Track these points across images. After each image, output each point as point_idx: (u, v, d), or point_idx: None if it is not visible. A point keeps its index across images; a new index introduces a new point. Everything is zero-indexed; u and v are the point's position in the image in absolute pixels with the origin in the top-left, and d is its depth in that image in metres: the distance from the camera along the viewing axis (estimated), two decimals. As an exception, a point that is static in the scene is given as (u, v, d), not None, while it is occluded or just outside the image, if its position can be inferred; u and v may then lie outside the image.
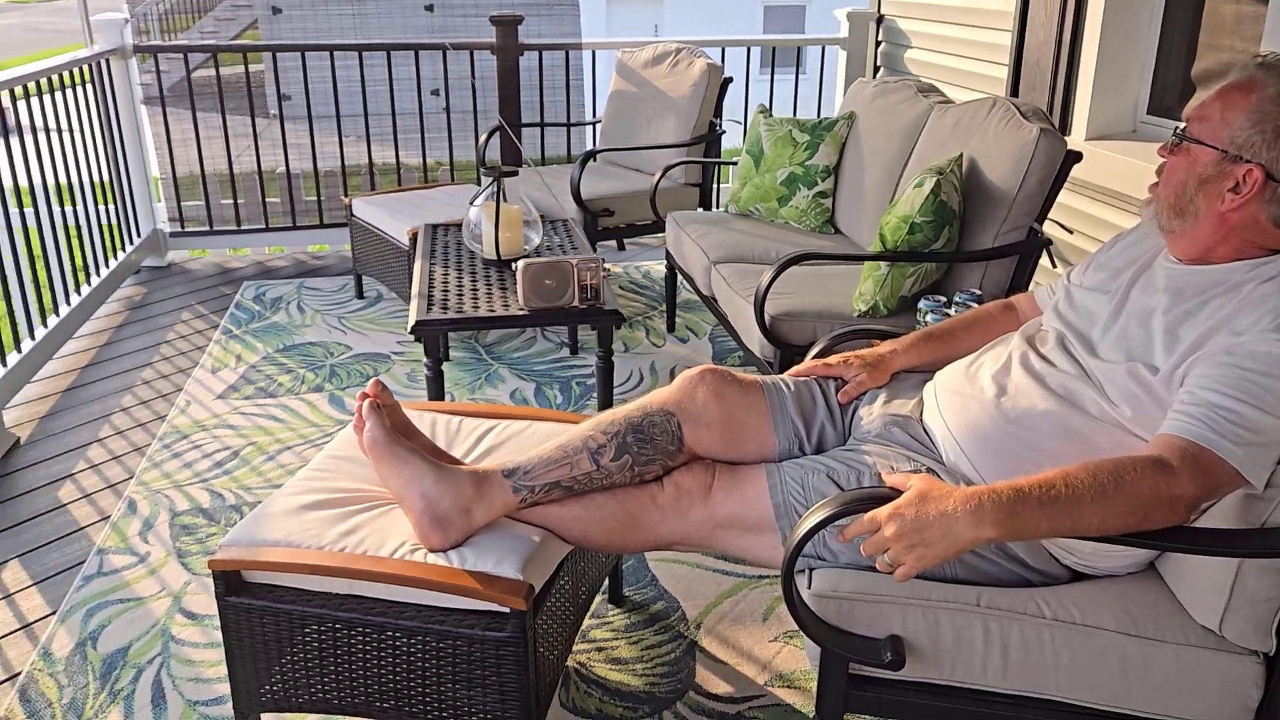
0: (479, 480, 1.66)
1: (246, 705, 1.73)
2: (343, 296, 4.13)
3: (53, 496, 2.67)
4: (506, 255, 2.87)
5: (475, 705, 1.62)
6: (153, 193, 4.59)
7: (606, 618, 2.15)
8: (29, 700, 1.93)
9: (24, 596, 2.26)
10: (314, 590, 1.64)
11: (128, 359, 3.57)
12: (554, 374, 3.37)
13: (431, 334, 2.52)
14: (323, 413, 3.10)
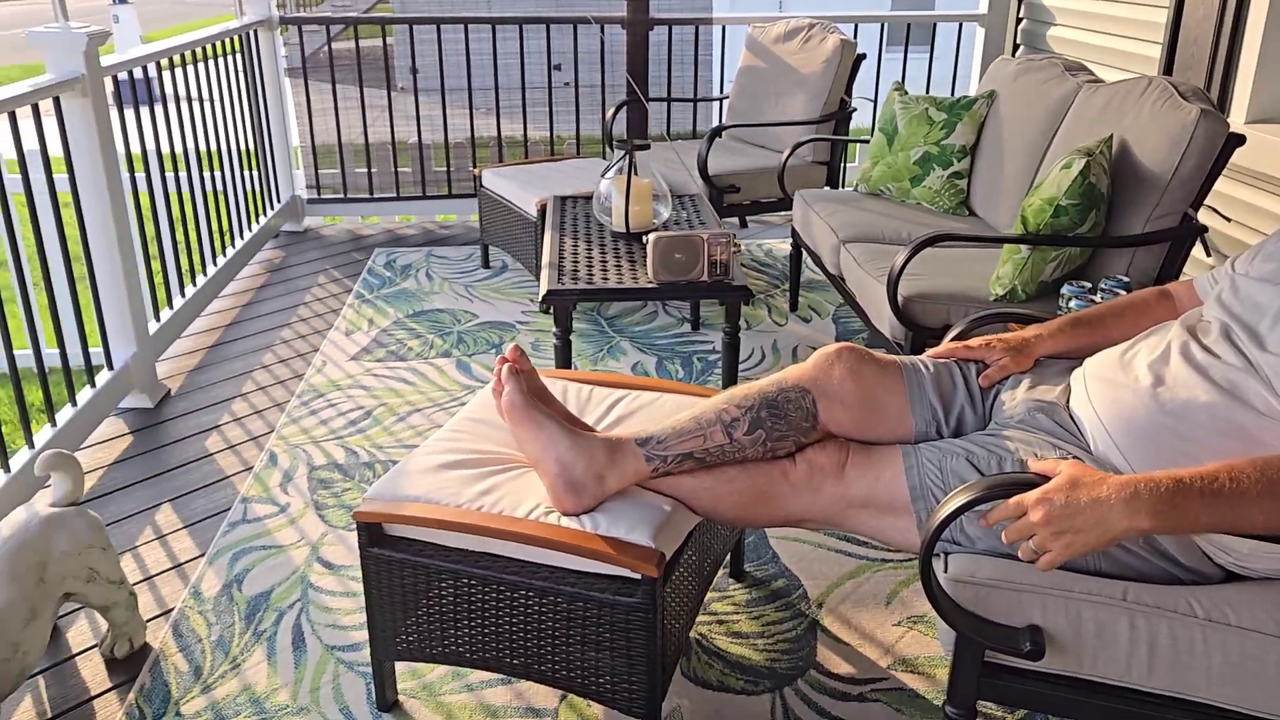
0: (613, 448, 1.68)
1: (383, 652, 1.80)
2: (469, 265, 4.22)
3: (200, 446, 2.82)
4: (635, 228, 2.88)
5: (603, 668, 1.65)
6: (292, 161, 4.76)
7: (727, 591, 2.16)
8: (181, 635, 2.05)
9: (175, 538, 2.39)
10: (450, 546, 1.69)
11: (268, 319, 3.73)
12: (675, 349, 3.39)
13: (562, 304, 2.55)
14: (450, 378, 3.18)
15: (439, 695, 1.88)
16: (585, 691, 1.69)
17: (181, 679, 1.93)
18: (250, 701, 1.87)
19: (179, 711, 1.85)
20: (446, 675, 1.93)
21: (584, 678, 1.68)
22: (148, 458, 2.76)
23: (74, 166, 2.75)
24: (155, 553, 2.33)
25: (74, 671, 1.96)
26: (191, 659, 1.98)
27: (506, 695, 1.88)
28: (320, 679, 1.93)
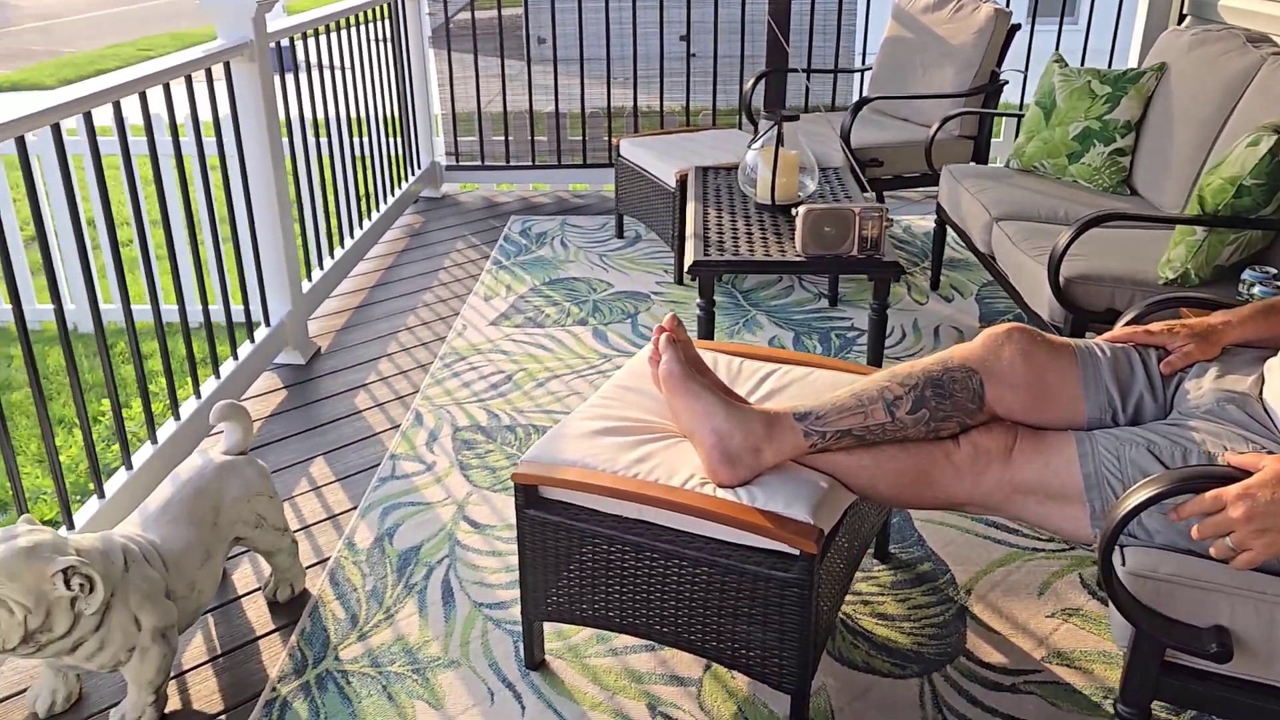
0: (770, 421, 1.66)
1: (533, 612, 1.83)
2: (603, 235, 4.24)
3: (350, 403, 2.92)
4: (781, 201, 2.84)
5: (754, 642, 1.64)
6: (433, 128, 4.85)
7: (872, 572, 2.13)
8: (337, 583, 2.13)
9: (329, 490, 2.48)
10: (604, 512, 1.70)
11: (409, 282, 3.82)
12: (812, 324, 3.34)
13: (708, 274, 2.54)
14: (588, 345, 3.21)
15: (584, 657, 1.91)
16: (733, 663, 1.68)
17: (339, 625, 2.01)
18: (404, 651, 1.93)
19: (338, 656, 1.92)
20: (591, 638, 1.95)
21: (733, 650, 1.68)
22: (301, 412, 2.87)
23: (240, 129, 2.86)
24: (311, 503, 2.43)
25: (239, 612, 2.06)
26: (348, 607, 2.06)
27: (650, 662, 1.89)
28: (469, 634, 1.97)
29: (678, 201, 3.51)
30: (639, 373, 2.00)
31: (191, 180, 2.75)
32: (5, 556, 1.55)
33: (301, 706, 1.81)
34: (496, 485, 2.47)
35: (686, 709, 1.79)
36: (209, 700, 1.84)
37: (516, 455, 2.59)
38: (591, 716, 1.78)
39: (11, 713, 1.82)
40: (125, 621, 1.68)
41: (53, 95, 2.04)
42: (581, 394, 2.90)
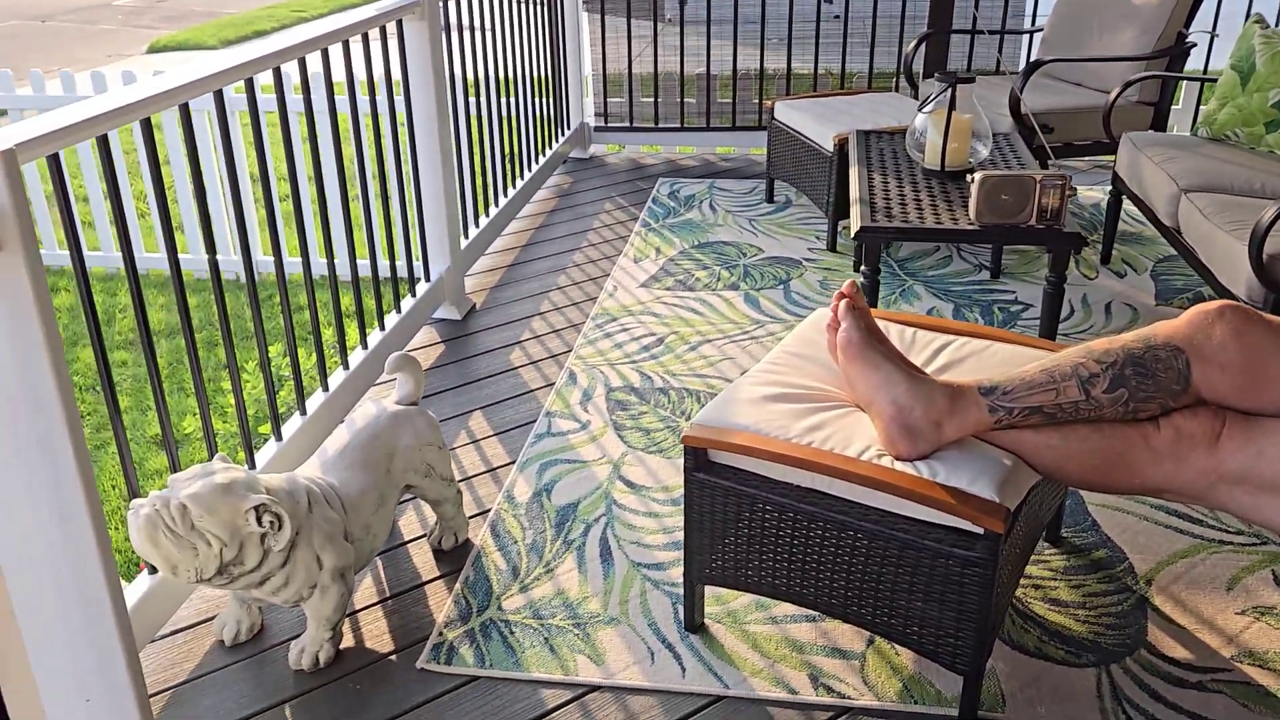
0: (954, 394, 1.61)
1: (696, 574, 1.83)
2: (752, 199, 4.18)
3: (505, 359, 2.96)
4: (951, 167, 2.74)
5: (929, 620, 1.60)
6: (583, 88, 4.86)
7: (1043, 556, 2.05)
8: (498, 535, 2.18)
9: (488, 444, 2.53)
10: (776, 479, 1.68)
11: (560, 242, 3.85)
12: (973, 296, 3.22)
13: (875, 241, 2.47)
14: (739, 310, 3.17)
15: (743, 623, 1.90)
16: (904, 640, 1.65)
17: (501, 576, 2.05)
18: (564, 605, 1.96)
19: (501, 605, 1.96)
20: (751, 605, 1.94)
21: (904, 626, 1.64)
22: (458, 366, 2.94)
23: (410, 87, 2.92)
24: (470, 456, 2.48)
25: (406, 557, 2.13)
26: (509, 558, 2.10)
27: (812, 633, 1.87)
28: (628, 593, 1.99)
29: (835, 166, 3.42)
30: (808, 339, 1.96)
31: (369, 139, 2.82)
32: (204, 491, 1.63)
33: (467, 652, 1.85)
34: (651, 447, 2.47)
35: (850, 682, 1.76)
36: (380, 639, 1.91)
37: (670, 418, 2.59)
38: (752, 683, 1.77)
39: (201, 638, 1.92)
40: (308, 559, 1.75)
41: (247, 50, 2.11)
42: (734, 359, 2.87)
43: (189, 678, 1.84)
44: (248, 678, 1.83)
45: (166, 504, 1.61)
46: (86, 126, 1.48)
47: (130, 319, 4.68)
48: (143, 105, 1.65)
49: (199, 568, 1.64)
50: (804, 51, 5.01)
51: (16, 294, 1.14)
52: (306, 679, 1.82)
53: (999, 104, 3.62)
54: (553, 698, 1.76)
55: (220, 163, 4.84)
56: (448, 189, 3.10)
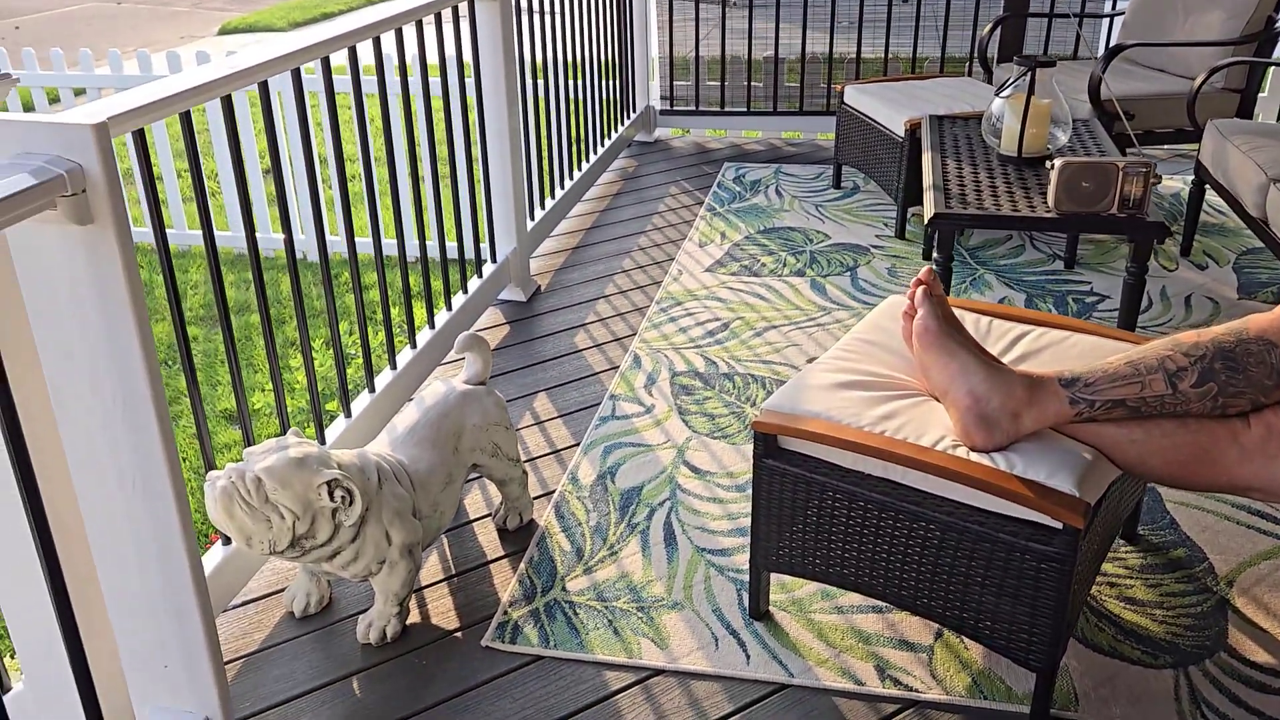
0: (1033, 385, 1.57)
1: (762, 561, 1.82)
2: (819, 185, 4.13)
3: (569, 341, 2.97)
4: (1028, 153, 2.67)
5: (1001, 614, 1.57)
6: (650, 72, 4.84)
7: (1118, 553, 2.00)
8: (562, 516, 2.18)
9: (552, 426, 2.54)
10: (847, 467, 1.65)
11: (624, 225, 3.85)
12: (1046, 286, 3.15)
13: (948, 228, 2.42)
14: (805, 297, 3.14)
15: (808, 612, 1.88)
16: (975, 634, 1.62)
17: (565, 557, 2.05)
18: (628, 589, 1.96)
19: (565, 586, 1.97)
20: (816, 594, 1.92)
21: (976, 620, 1.61)
22: (522, 348, 2.95)
23: (480, 69, 2.93)
24: (535, 437, 2.49)
25: (471, 536, 2.14)
26: (573, 540, 2.10)
27: (878, 624, 1.84)
28: (692, 578, 1.98)
29: (906, 151, 3.37)
30: (880, 326, 1.93)
31: (439, 119, 2.83)
32: (279, 465, 1.65)
33: (532, 632, 1.86)
34: (715, 433, 2.46)
35: (917, 675, 1.73)
36: (445, 616, 1.92)
37: (735, 404, 2.57)
38: (817, 672, 1.75)
39: (271, 609, 1.96)
40: (378, 535, 1.76)
41: (321, 30, 2.13)
42: (799, 346, 2.84)
43: (259, 647, 1.87)
44: (316, 649, 1.86)
45: (242, 477, 1.64)
46: (173, 102, 1.50)
47: (197, 296, 4.78)
48: (224, 82, 1.67)
49: (272, 540, 1.67)
50: (874, 36, 4.93)
51: (107, 267, 1.17)
52: (373, 653, 1.85)
53: (1077, 89, 3.53)
54: (616, 680, 1.77)
55: (289, 143, 4.91)
56: (515, 171, 3.11)
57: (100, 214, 1.15)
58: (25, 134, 1.14)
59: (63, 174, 1.11)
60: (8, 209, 1.06)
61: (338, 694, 1.76)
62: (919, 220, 3.69)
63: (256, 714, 1.73)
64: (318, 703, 1.75)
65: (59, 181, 1.11)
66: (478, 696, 1.74)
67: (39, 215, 1.13)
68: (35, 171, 1.10)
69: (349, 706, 1.74)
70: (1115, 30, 4.15)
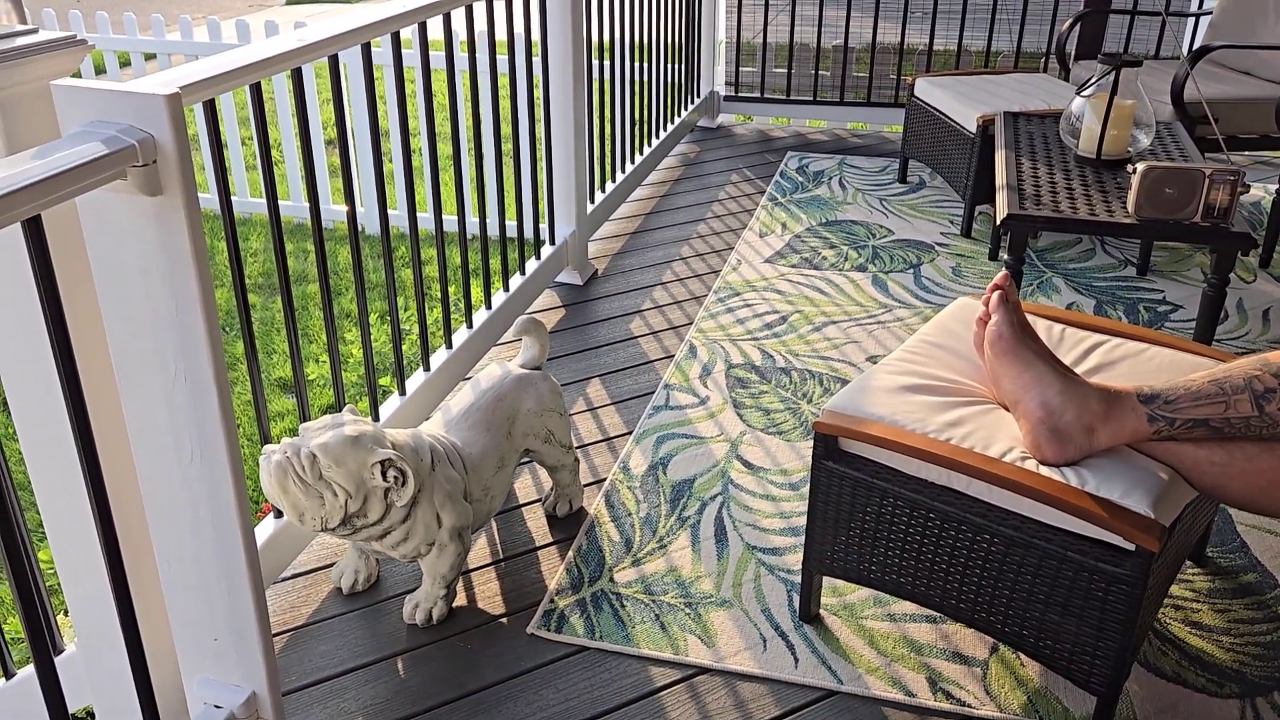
0: (1110, 400, 1.51)
1: (815, 564, 1.78)
2: (884, 178, 4.05)
3: (625, 328, 2.94)
4: (1108, 155, 2.59)
5: (1064, 634, 1.52)
6: (716, 56, 4.78)
7: (1185, 575, 1.93)
8: (612, 506, 2.16)
9: (605, 413, 2.51)
10: (909, 473, 1.61)
11: (684, 212, 3.80)
12: (1117, 293, 3.05)
13: (1021, 230, 2.35)
14: (866, 293, 3.08)
15: (860, 618, 1.84)
16: (1035, 652, 1.57)
17: (614, 548, 2.03)
18: (676, 583, 1.93)
19: (613, 578, 1.95)
20: (868, 600, 1.88)
21: (1037, 638, 1.56)
22: (578, 332, 2.93)
23: (548, 49, 2.90)
24: (587, 423, 2.47)
25: (520, 521, 2.13)
26: (622, 530, 2.08)
27: (931, 634, 1.80)
28: (742, 576, 1.95)
29: (977, 148, 3.28)
30: (948, 328, 1.88)
31: (505, 99, 2.81)
32: (333, 442, 1.64)
33: (578, 621, 1.84)
34: (770, 428, 2.41)
35: (970, 690, 1.69)
36: (492, 601, 1.91)
37: (791, 400, 2.53)
38: (867, 680, 1.71)
39: (319, 584, 1.96)
40: (428, 517, 1.75)
41: (391, 5, 2.11)
42: (859, 343, 2.79)
43: (306, 622, 1.87)
44: (363, 627, 1.86)
45: (297, 452, 1.64)
46: (245, 73, 1.49)
47: (255, 264, 4.82)
48: (295, 55, 1.66)
49: (324, 516, 1.66)
50: (947, 28, 4.82)
51: (175, 238, 1.16)
52: (419, 633, 1.84)
53: (1158, 91, 3.41)
54: (661, 675, 1.74)
55: (354, 117, 4.92)
56: (578, 153, 3.08)
57: (170, 185, 1.14)
58: (99, 102, 1.13)
59: (134, 144, 1.10)
60: (79, 178, 1.05)
61: (382, 673, 1.76)
62: (986, 219, 3.60)
63: (301, 688, 1.73)
64: (362, 680, 1.75)
65: (130, 151, 1.10)
66: (521, 684, 1.73)
67: (109, 185, 1.12)
68: (108, 140, 1.09)
69: (393, 686, 1.73)
70: (1200, 30, 4.01)
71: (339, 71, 1.92)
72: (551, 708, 1.68)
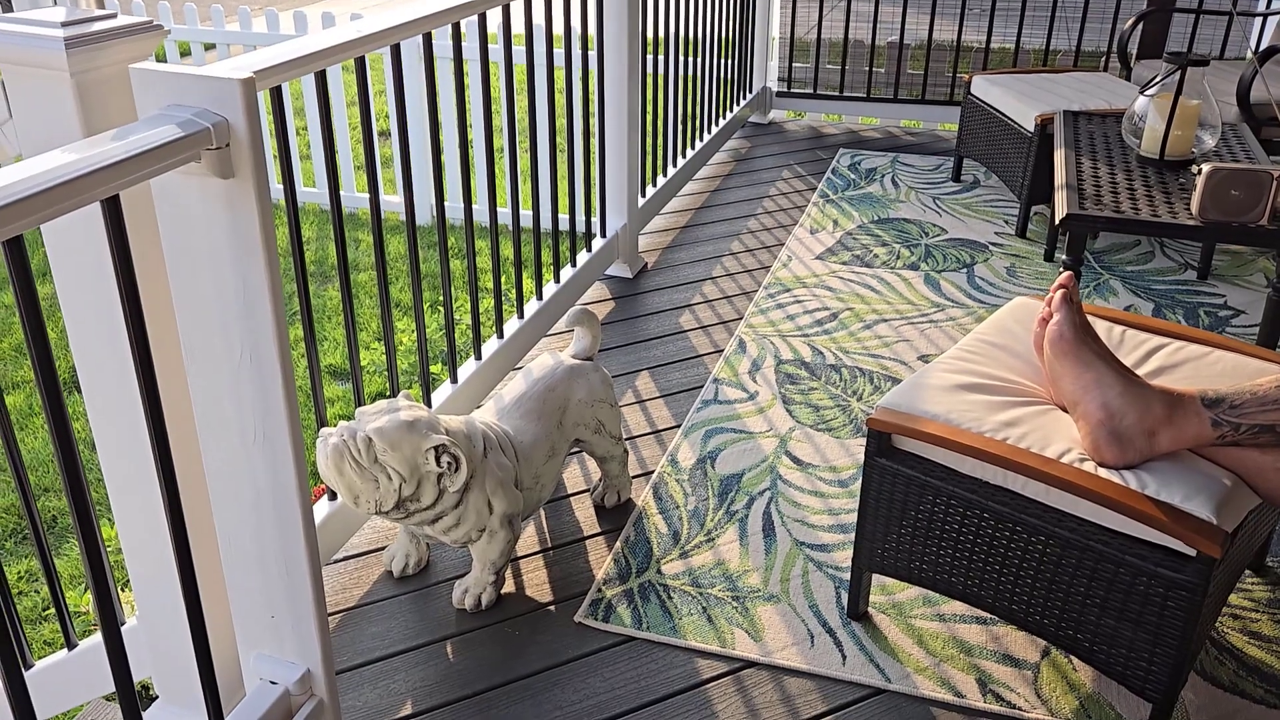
0: (1172, 403, 1.48)
1: (865, 561, 1.77)
2: (937, 177, 4.01)
3: (674, 321, 2.94)
4: (1171, 156, 2.54)
5: (1119, 640, 1.49)
6: (769, 52, 4.76)
7: (1244, 584, 1.89)
8: (660, 498, 2.16)
9: (654, 405, 2.52)
10: (963, 472, 1.59)
11: (735, 207, 3.79)
12: (1176, 297, 3.00)
13: (1080, 230, 2.32)
14: (918, 292, 3.05)
15: (909, 617, 1.83)
16: (1089, 657, 1.55)
17: (661, 539, 2.04)
18: (724, 577, 1.93)
19: (660, 569, 1.95)
20: (917, 599, 1.86)
21: (1091, 642, 1.54)
22: (627, 325, 2.93)
23: (604, 42, 2.90)
24: (635, 415, 2.48)
25: (569, 510, 2.14)
26: (670, 522, 2.08)
27: (981, 635, 1.78)
28: (790, 572, 1.94)
29: (1034, 147, 3.24)
30: (1005, 328, 1.86)
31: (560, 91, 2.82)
32: (389, 427, 1.66)
33: (625, 611, 1.85)
34: (820, 424, 2.40)
35: (1021, 693, 1.67)
36: (540, 589, 1.93)
37: (841, 397, 2.51)
38: (916, 680, 1.70)
39: (371, 566, 1.99)
40: (480, 503, 1.77)
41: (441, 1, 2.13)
42: (910, 341, 2.77)
43: (358, 603, 1.90)
44: (413, 610, 1.88)
45: (354, 435, 1.66)
46: (314, 59, 1.51)
47: (308, 252, 4.88)
48: (360, 43, 1.68)
49: (378, 500, 1.69)
50: (1006, 25, 4.76)
51: (245, 221, 1.18)
52: (467, 618, 1.86)
53: (1223, 92, 3.34)
54: (707, 668, 1.74)
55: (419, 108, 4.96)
56: (630, 146, 3.08)
57: (241, 168, 1.16)
58: (175, 86, 1.15)
59: (209, 127, 1.13)
60: (156, 159, 1.08)
61: (431, 656, 1.78)
62: (1042, 220, 3.55)
63: (353, 668, 1.76)
64: (411, 663, 1.77)
65: (205, 134, 1.12)
66: (568, 672, 1.74)
67: (184, 167, 1.14)
68: (183, 124, 1.12)
69: (442, 669, 1.75)
70: (1268, 31, 3.92)
71: (400, 61, 1.94)
72: (598, 696, 1.69)
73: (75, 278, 1.32)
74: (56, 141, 1.20)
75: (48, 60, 1.18)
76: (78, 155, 1.02)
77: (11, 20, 1.22)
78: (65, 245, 1.31)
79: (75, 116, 1.21)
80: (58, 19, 1.20)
